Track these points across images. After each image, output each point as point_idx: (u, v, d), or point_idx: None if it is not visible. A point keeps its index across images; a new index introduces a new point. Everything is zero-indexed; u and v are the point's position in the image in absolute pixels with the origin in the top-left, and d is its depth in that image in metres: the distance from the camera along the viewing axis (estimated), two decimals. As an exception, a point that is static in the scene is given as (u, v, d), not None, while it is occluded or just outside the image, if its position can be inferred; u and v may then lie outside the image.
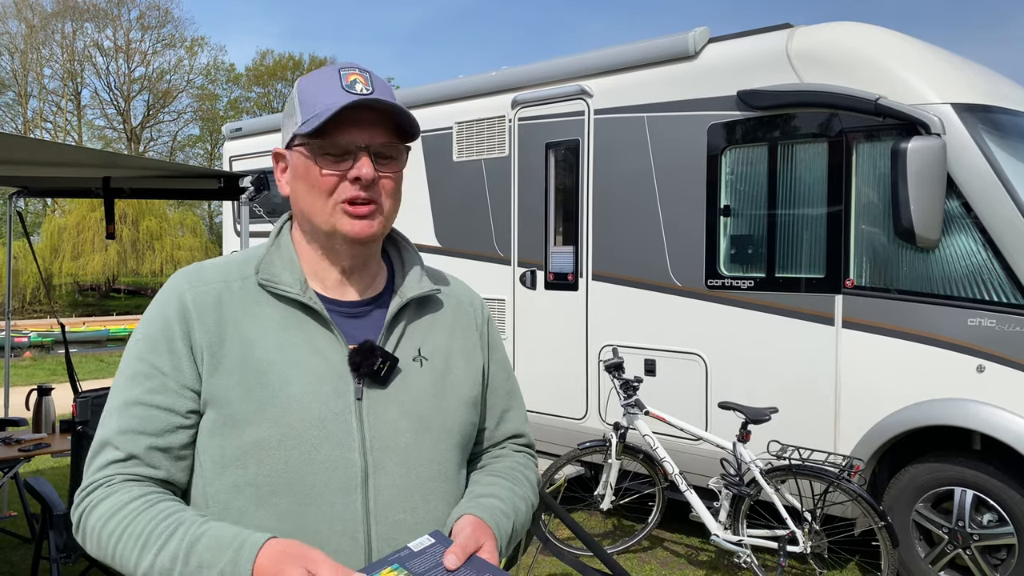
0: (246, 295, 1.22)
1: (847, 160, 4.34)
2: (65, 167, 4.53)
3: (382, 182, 1.21)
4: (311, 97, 1.20)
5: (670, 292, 5.00)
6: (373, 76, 1.22)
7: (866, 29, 4.52)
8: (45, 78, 37.12)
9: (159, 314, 1.20)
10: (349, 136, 1.18)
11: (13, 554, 4.83)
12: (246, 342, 1.18)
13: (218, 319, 1.19)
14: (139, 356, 1.19)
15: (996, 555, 4.01)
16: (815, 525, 4.08)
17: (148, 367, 1.18)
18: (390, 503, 1.19)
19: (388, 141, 1.21)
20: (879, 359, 4.24)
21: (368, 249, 1.27)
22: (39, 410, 4.82)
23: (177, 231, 31.70)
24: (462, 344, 1.35)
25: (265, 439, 1.15)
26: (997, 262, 3.93)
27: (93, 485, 1.16)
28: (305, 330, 1.21)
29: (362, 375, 1.20)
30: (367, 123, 1.19)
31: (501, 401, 1.42)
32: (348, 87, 1.18)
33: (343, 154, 1.19)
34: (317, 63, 45.61)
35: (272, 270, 1.23)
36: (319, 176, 1.19)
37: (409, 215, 6.41)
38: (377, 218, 1.22)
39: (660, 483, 4.79)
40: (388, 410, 1.21)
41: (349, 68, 1.21)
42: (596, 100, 5.34)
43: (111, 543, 1.11)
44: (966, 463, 4.06)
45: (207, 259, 1.32)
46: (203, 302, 1.19)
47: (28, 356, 16.38)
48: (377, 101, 1.18)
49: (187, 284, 1.22)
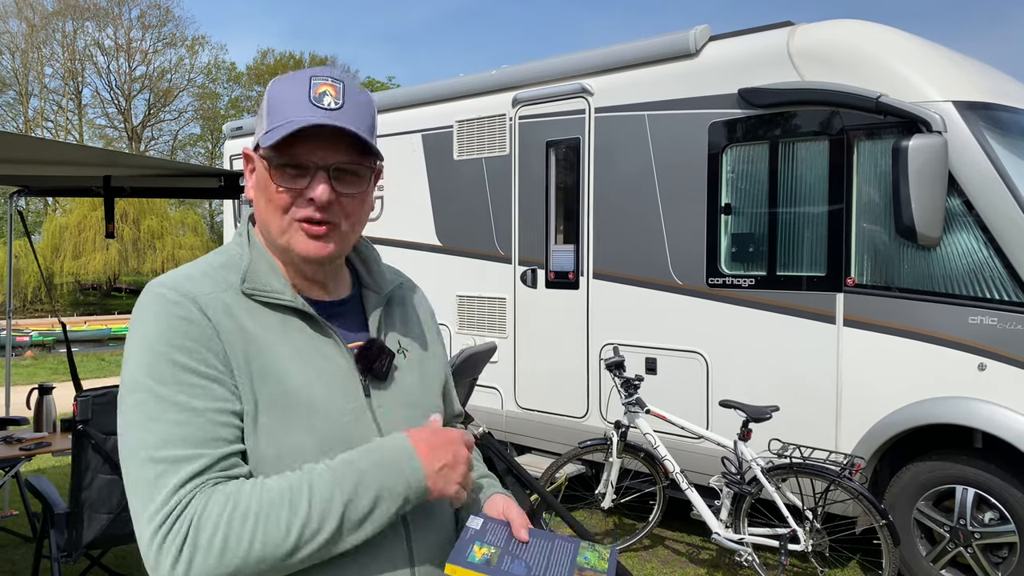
0: (239, 305, 1.15)
1: (848, 158, 4.33)
2: (66, 166, 4.53)
3: (341, 201, 1.16)
4: (279, 105, 1.14)
5: (671, 290, 5.00)
6: (346, 86, 1.15)
7: (867, 27, 4.51)
8: (46, 77, 37.13)
9: (173, 321, 1.08)
10: (309, 153, 1.13)
11: (14, 553, 4.84)
12: (261, 350, 1.13)
13: (235, 328, 1.12)
14: (172, 361, 1.06)
15: (997, 553, 4.01)
16: (816, 523, 4.08)
17: (177, 370, 1.06)
18: None
19: (350, 159, 1.15)
20: (880, 357, 4.24)
21: (328, 267, 1.24)
22: (40, 409, 4.82)
23: (178, 230, 31.71)
24: (427, 331, 1.39)
25: (300, 446, 1.11)
26: (998, 260, 3.93)
27: (181, 503, 1.00)
28: (306, 334, 1.19)
29: (365, 374, 1.21)
30: (328, 140, 1.13)
31: (448, 383, 1.46)
32: (316, 100, 1.13)
33: (301, 170, 1.13)
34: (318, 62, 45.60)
35: (260, 278, 1.18)
36: (275, 192, 1.15)
37: (410, 214, 6.41)
38: (333, 239, 1.17)
39: (661, 481, 4.79)
40: (392, 403, 1.24)
41: (322, 77, 1.15)
42: (597, 98, 5.34)
43: (247, 529, 1.00)
44: (967, 461, 4.05)
45: (170, 272, 1.25)
46: (215, 308, 1.11)
47: (29, 355, 16.39)
48: (334, 123, 1.11)
49: (190, 291, 1.12)
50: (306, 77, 1.15)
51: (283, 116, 1.13)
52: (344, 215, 1.17)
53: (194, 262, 1.21)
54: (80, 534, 3.49)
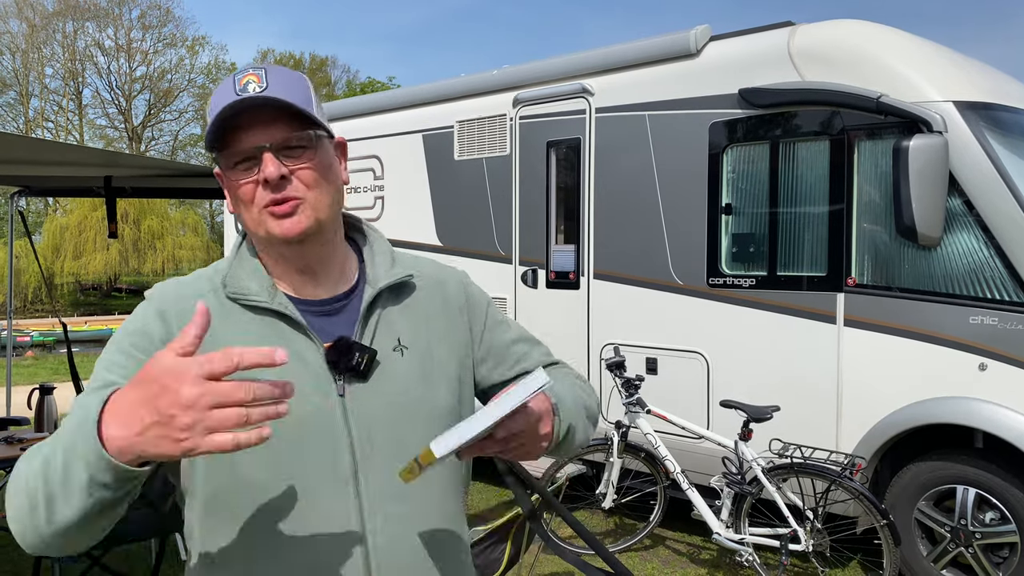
0: (222, 308, 1.20)
1: (849, 158, 4.33)
2: (67, 166, 4.53)
3: (298, 175, 1.17)
4: (212, 110, 1.16)
5: (672, 290, 5.00)
6: (271, 72, 1.17)
7: (868, 27, 4.51)
8: (46, 77, 37.15)
9: (139, 318, 1.20)
10: (247, 140, 1.15)
11: (15, 553, 4.84)
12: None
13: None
14: (117, 346, 1.17)
15: (998, 553, 4.01)
16: (817, 523, 4.08)
17: (122, 356, 1.15)
18: (383, 496, 1.18)
19: (289, 134, 1.16)
20: (881, 357, 4.24)
21: (316, 244, 1.23)
22: (41, 409, 4.82)
23: (178, 230, 31.71)
24: (443, 326, 1.32)
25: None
26: (999, 260, 3.93)
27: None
28: (282, 336, 1.19)
29: (341, 372, 1.19)
30: (264, 122, 1.15)
31: (510, 351, 1.39)
32: (240, 90, 1.14)
33: (250, 159, 1.15)
34: (318, 62, 45.66)
35: (239, 283, 1.22)
36: (237, 188, 1.17)
37: (410, 214, 6.42)
38: (304, 212, 1.17)
39: (662, 481, 4.79)
40: (372, 403, 1.20)
41: (244, 71, 1.17)
42: (597, 98, 5.34)
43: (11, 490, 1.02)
44: (968, 461, 4.05)
45: (205, 259, 1.31)
46: (184, 315, 1.17)
47: (30, 355, 16.40)
48: (259, 99, 1.13)
49: (168, 296, 1.21)
50: (231, 77, 1.17)
51: (214, 115, 1.15)
52: (305, 186, 1.17)
53: (205, 267, 1.28)
54: (81, 534, 3.48)
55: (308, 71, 44.89)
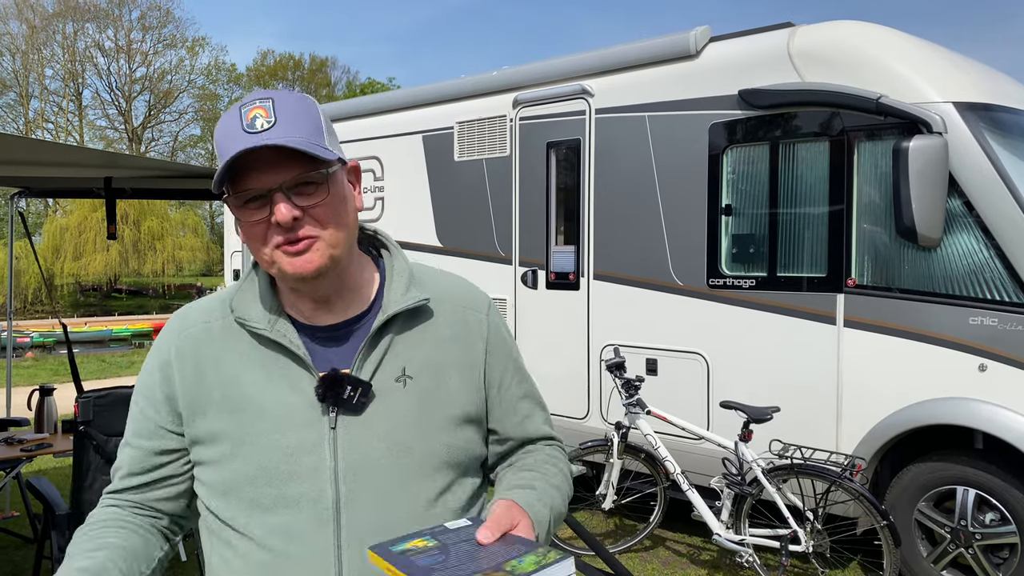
0: (227, 333, 1.22)
1: (848, 159, 4.33)
2: (66, 167, 4.53)
3: (312, 212, 1.13)
4: (221, 145, 1.12)
5: (672, 291, 5.00)
6: (278, 103, 1.12)
7: (867, 28, 4.52)
8: (46, 79, 37.17)
9: (149, 361, 1.30)
10: (257, 180, 1.11)
11: (15, 554, 4.84)
12: (224, 381, 1.20)
13: (195, 364, 1.22)
14: (135, 400, 1.30)
15: (998, 554, 4.01)
16: (817, 524, 4.08)
17: (137, 410, 1.29)
18: (364, 534, 1.14)
19: (301, 172, 1.11)
20: (881, 358, 4.24)
21: (330, 277, 1.19)
22: (41, 410, 4.83)
23: (178, 231, 31.73)
24: (459, 356, 1.26)
25: (240, 476, 1.17)
26: (999, 261, 3.93)
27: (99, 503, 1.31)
28: (280, 364, 1.18)
29: (330, 405, 1.16)
30: (272, 161, 1.10)
31: (516, 407, 1.33)
32: (248, 127, 1.09)
33: (261, 200, 1.12)
34: (317, 63, 45.65)
35: (243, 308, 1.21)
36: (248, 228, 1.15)
37: (410, 215, 6.42)
38: (318, 250, 1.14)
39: (662, 482, 4.79)
40: (363, 438, 1.16)
41: (251, 103, 1.12)
42: (597, 99, 5.34)
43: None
44: (968, 462, 4.05)
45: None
46: (183, 347, 1.24)
47: (30, 356, 16.40)
48: (266, 143, 1.08)
49: (175, 332, 1.27)
50: (237, 108, 1.13)
51: (225, 154, 1.11)
52: (320, 225, 1.14)
53: (219, 291, 1.37)
54: (81, 535, 3.48)
55: (308, 72, 44.87)
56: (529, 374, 1.40)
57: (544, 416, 1.40)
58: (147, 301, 33.99)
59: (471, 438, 1.26)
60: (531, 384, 1.38)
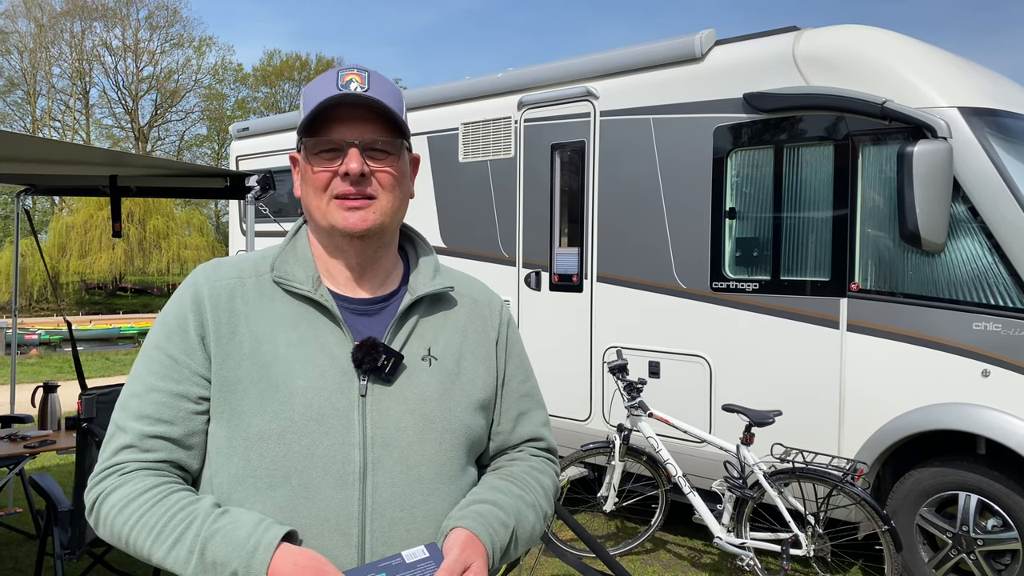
0: (260, 291, 1.24)
1: (853, 163, 4.33)
2: (72, 166, 4.55)
3: (377, 176, 1.22)
4: (311, 98, 1.22)
5: (675, 294, 5.00)
6: (373, 76, 1.23)
7: (872, 32, 4.51)
8: (54, 77, 37.26)
9: (176, 306, 1.25)
10: (339, 133, 1.20)
11: (18, 550, 4.85)
12: (256, 336, 1.21)
13: (231, 312, 1.22)
14: (156, 345, 1.23)
15: (1000, 560, 4.00)
16: (818, 528, 4.08)
17: (163, 355, 1.21)
18: (388, 500, 1.19)
19: (379, 137, 1.22)
20: (884, 363, 4.23)
21: (373, 244, 1.27)
22: (45, 407, 4.84)
23: (184, 230, 31.77)
24: (475, 345, 1.33)
25: (266, 431, 1.17)
26: (1003, 266, 3.92)
27: (107, 471, 1.19)
28: (315, 326, 1.22)
29: (365, 371, 1.20)
30: (358, 120, 1.21)
31: (517, 404, 1.39)
32: (343, 86, 1.20)
33: (335, 151, 1.21)
34: (324, 64, 45.68)
35: (286, 268, 1.26)
36: (312, 173, 1.22)
37: (414, 215, 6.42)
38: (373, 211, 1.22)
39: (663, 485, 4.79)
40: (392, 407, 1.22)
41: (348, 69, 1.24)
42: (602, 102, 5.34)
43: (124, 531, 1.15)
44: (970, 468, 4.05)
45: (210, 259, 1.35)
46: (217, 295, 1.23)
47: (34, 354, 16.43)
48: (360, 98, 1.19)
49: (204, 278, 1.25)
50: (334, 71, 1.24)
51: (314, 104, 1.20)
52: (381, 188, 1.23)
53: (244, 252, 1.34)
54: (83, 532, 3.50)
55: (315, 72, 44.93)
56: (533, 374, 1.46)
57: (543, 418, 1.44)
58: (152, 300, 34.07)
59: (483, 425, 1.33)
60: (534, 384, 1.44)
